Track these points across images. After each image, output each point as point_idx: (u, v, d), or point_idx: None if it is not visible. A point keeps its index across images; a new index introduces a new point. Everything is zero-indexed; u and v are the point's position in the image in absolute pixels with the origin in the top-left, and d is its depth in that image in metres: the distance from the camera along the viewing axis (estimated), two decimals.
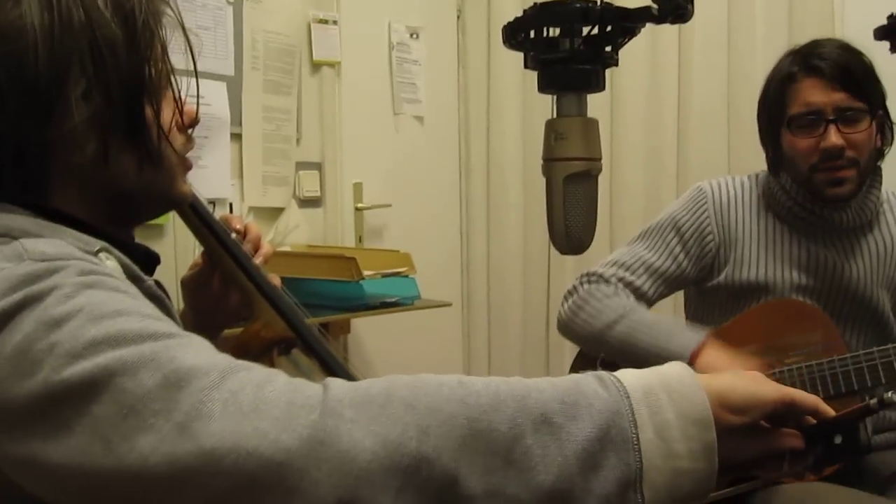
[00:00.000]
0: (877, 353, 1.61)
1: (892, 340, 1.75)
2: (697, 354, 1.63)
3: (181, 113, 0.93)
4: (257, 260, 1.21)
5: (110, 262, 0.85)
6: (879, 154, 1.77)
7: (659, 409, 0.72)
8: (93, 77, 0.85)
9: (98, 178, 0.90)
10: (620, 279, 1.80)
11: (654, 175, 3.21)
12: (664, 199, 3.06)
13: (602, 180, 3.35)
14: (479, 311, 3.37)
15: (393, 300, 2.52)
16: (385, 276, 2.51)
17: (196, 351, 0.72)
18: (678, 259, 1.81)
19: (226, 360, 0.72)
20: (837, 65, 1.67)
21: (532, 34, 0.95)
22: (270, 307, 1.17)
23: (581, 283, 1.84)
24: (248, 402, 0.67)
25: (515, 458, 0.67)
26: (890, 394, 0.80)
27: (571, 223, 0.97)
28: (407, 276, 2.59)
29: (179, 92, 0.94)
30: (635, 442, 0.70)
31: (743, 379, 0.78)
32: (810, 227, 1.77)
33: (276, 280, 1.22)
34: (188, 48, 0.95)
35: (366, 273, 2.39)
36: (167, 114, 0.92)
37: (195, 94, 0.98)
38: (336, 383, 0.71)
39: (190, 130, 1.01)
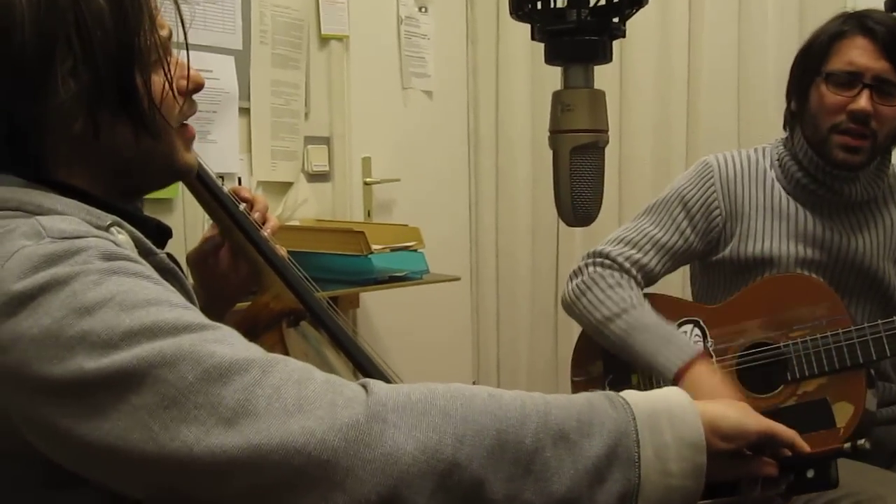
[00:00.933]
0: (882, 327, 1.61)
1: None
2: (683, 373, 1.65)
3: (171, 83, 0.93)
4: (265, 232, 1.22)
5: (121, 236, 0.86)
6: (895, 139, 1.76)
7: (660, 431, 0.80)
8: (80, 52, 0.85)
9: (97, 150, 0.90)
10: (628, 258, 1.80)
11: (664, 148, 3.21)
12: (673, 172, 3.05)
13: (611, 153, 3.33)
14: (487, 285, 3.38)
15: (402, 274, 2.53)
16: (394, 250, 2.52)
17: (231, 344, 0.75)
18: (685, 234, 1.81)
19: (260, 352, 0.76)
20: (892, 34, 1.66)
21: (539, 5, 0.95)
22: (279, 279, 1.18)
23: (587, 265, 1.83)
24: (292, 400, 0.71)
25: (535, 468, 0.75)
26: (863, 441, 0.89)
27: (578, 195, 0.97)
28: (415, 251, 2.59)
29: (168, 62, 0.93)
30: (637, 460, 0.78)
31: (733, 409, 0.87)
32: (818, 199, 1.76)
33: (282, 252, 1.22)
34: (179, 19, 0.95)
35: (374, 247, 2.40)
36: (158, 84, 0.92)
37: (193, 65, 0.98)
38: (378, 386, 0.75)
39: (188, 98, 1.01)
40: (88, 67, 0.85)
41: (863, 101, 1.65)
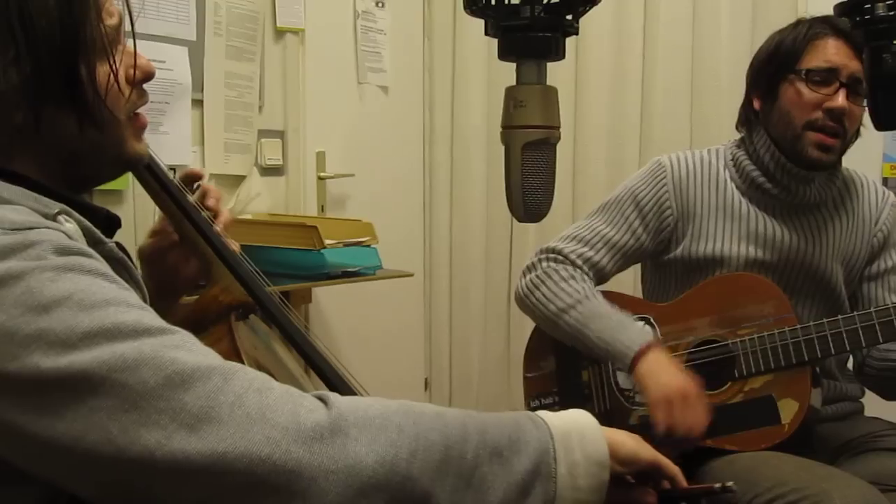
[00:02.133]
0: (827, 325, 1.64)
1: (842, 312, 1.78)
2: (641, 356, 1.66)
3: (116, 74, 0.91)
4: (217, 227, 1.20)
5: (69, 225, 0.84)
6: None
7: (572, 450, 0.87)
8: (22, 43, 0.83)
9: (41, 141, 0.88)
10: (580, 255, 1.82)
11: (617, 148, 3.23)
12: (627, 171, 3.07)
13: (565, 152, 3.35)
14: (440, 281, 3.38)
15: (354, 270, 2.52)
16: (347, 245, 2.51)
17: (191, 350, 0.76)
18: (637, 233, 1.83)
19: (220, 360, 0.77)
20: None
21: (493, 0, 0.95)
22: (228, 271, 1.17)
23: (540, 260, 1.85)
24: (255, 408, 0.73)
25: (474, 482, 0.80)
26: (731, 483, 0.97)
27: (529, 191, 0.97)
28: (369, 246, 2.58)
29: (114, 52, 0.92)
30: (554, 475, 0.85)
31: (630, 439, 0.95)
32: (772, 200, 1.78)
33: (235, 246, 1.21)
34: (126, 7, 0.93)
35: (327, 242, 2.39)
36: (104, 74, 0.90)
37: (145, 55, 0.97)
38: (336, 399, 0.78)
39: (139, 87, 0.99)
40: (31, 58, 0.84)
41: (840, 99, 1.68)
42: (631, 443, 0.94)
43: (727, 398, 1.70)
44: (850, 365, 1.90)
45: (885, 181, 3.03)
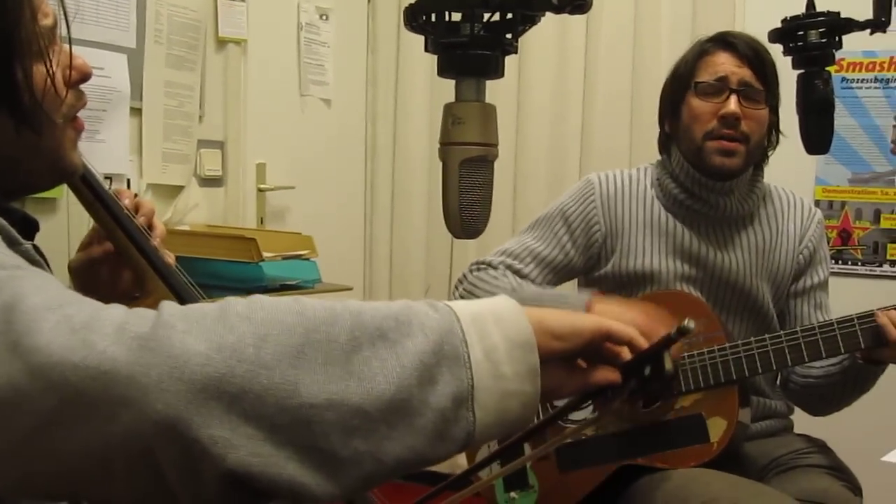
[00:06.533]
0: (754, 344, 1.67)
1: (770, 329, 1.81)
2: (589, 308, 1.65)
3: (52, 76, 0.90)
4: (155, 241, 1.19)
5: None
6: (765, 152, 1.84)
7: (486, 332, 0.74)
8: None
9: None
10: (508, 266, 1.85)
11: (558, 165, 3.26)
12: (567, 188, 3.10)
13: (506, 169, 3.35)
14: (380, 295, 3.38)
15: (293, 283, 2.51)
16: (286, 258, 2.50)
17: (42, 283, 0.69)
18: (565, 248, 1.86)
19: (71, 293, 0.70)
20: (749, 45, 1.78)
21: (433, 17, 0.96)
22: (163, 283, 1.16)
23: (470, 272, 1.87)
24: (81, 321, 0.65)
25: (354, 368, 0.68)
26: (687, 321, 0.78)
27: (466, 208, 0.98)
28: (308, 259, 2.58)
29: (51, 54, 0.90)
30: (466, 359, 0.72)
31: (563, 311, 0.81)
32: (695, 214, 1.82)
33: (170, 258, 1.20)
34: (62, 11, 0.92)
35: (266, 255, 2.38)
36: (40, 75, 0.89)
37: (81, 56, 0.95)
38: (171, 304, 0.69)
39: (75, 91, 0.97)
40: None
41: (732, 105, 1.75)
42: (563, 314, 0.80)
43: (658, 416, 1.72)
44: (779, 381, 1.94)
45: (816, 203, 3.10)
